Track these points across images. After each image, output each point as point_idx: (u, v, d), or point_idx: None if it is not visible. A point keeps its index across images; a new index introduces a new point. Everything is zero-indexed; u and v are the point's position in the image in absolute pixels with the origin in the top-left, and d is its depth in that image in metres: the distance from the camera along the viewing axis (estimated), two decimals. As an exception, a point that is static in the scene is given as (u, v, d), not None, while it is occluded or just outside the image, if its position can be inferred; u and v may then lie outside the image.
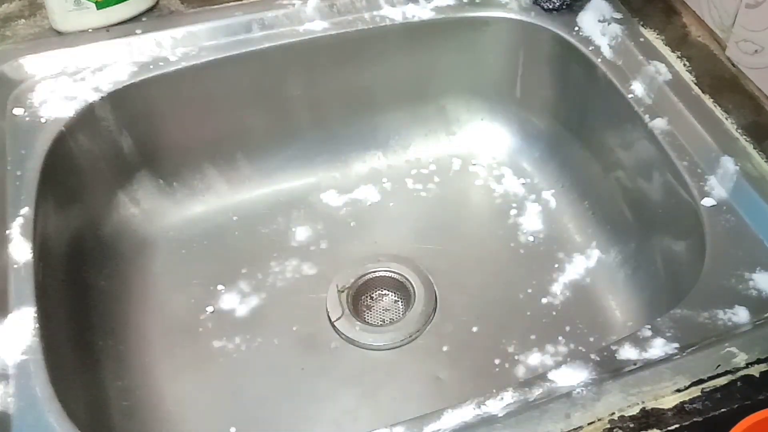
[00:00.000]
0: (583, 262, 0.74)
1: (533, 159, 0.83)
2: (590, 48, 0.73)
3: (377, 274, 0.74)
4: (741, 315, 0.51)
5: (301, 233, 0.78)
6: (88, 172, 0.70)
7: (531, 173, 0.82)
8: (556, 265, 0.74)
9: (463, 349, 0.68)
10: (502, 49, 0.79)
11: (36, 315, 0.53)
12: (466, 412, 0.46)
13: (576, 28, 0.74)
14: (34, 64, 0.70)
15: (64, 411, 0.48)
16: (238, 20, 0.74)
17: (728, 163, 0.61)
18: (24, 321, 0.53)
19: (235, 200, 0.80)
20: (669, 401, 0.47)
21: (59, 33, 0.72)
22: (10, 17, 0.75)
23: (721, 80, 0.67)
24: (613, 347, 0.50)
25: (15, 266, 0.56)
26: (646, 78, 0.69)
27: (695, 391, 0.47)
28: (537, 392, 0.47)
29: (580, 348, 0.68)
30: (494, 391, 0.47)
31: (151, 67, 0.71)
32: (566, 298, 0.72)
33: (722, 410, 0.46)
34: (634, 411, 0.46)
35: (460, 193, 0.83)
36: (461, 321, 0.70)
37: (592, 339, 0.69)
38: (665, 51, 0.71)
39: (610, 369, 0.48)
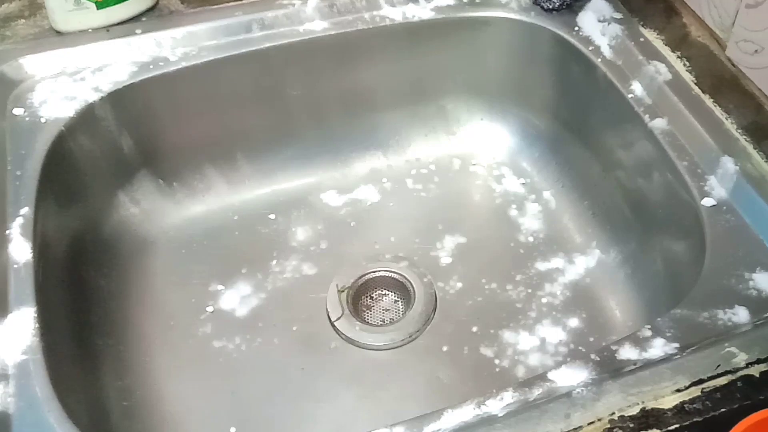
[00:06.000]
0: (583, 262, 0.74)
1: (533, 159, 0.83)
2: (590, 48, 0.73)
3: (377, 274, 0.74)
4: (741, 315, 0.51)
5: (301, 233, 0.78)
6: (88, 172, 0.70)
7: (531, 173, 0.82)
8: (556, 265, 0.74)
9: (463, 349, 0.68)
10: (502, 49, 0.79)
11: (36, 315, 0.53)
12: (466, 412, 0.46)
13: (576, 28, 0.74)
14: (34, 64, 0.70)
15: (64, 411, 0.48)
16: (238, 20, 0.74)
17: (728, 163, 0.61)
18: (24, 321, 0.53)
19: (235, 200, 0.80)
20: (669, 401, 0.47)
21: (59, 33, 0.72)
22: (10, 17, 0.75)
23: (721, 80, 0.67)
24: (613, 347, 0.50)
25: (15, 266, 0.56)
26: (646, 78, 0.69)
27: (695, 391, 0.47)
28: (537, 392, 0.47)
29: (580, 348, 0.68)
30: (494, 391, 0.47)
31: (151, 67, 0.71)
32: (566, 298, 0.72)
33: (722, 410, 0.46)
34: (634, 411, 0.46)
35: (460, 193, 0.83)
36: (461, 321, 0.70)
37: (592, 339, 0.69)
38: (665, 51, 0.71)
39: (610, 369, 0.48)
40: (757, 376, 0.48)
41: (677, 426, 0.45)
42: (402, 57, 0.79)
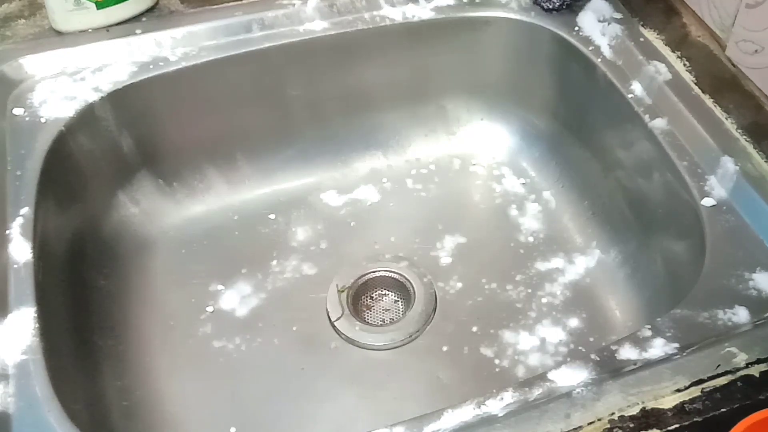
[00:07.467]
0: (583, 262, 0.74)
1: (533, 159, 0.83)
2: (590, 48, 0.73)
3: (377, 274, 0.74)
4: (741, 315, 0.51)
5: (301, 233, 0.78)
6: (88, 172, 0.70)
7: (531, 173, 0.82)
8: (556, 265, 0.74)
9: (463, 349, 0.68)
10: (502, 49, 0.79)
11: (36, 315, 0.53)
12: (466, 412, 0.46)
13: (576, 28, 0.74)
14: (34, 64, 0.70)
15: (64, 411, 0.48)
16: (238, 20, 0.74)
17: (728, 163, 0.61)
18: (24, 321, 0.53)
19: (235, 200, 0.80)
20: (669, 401, 0.47)
21: (59, 33, 0.72)
22: (10, 17, 0.75)
23: (721, 80, 0.67)
24: (613, 347, 0.50)
25: (15, 266, 0.56)
26: (646, 78, 0.69)
27: (695, 391, 0.47)
28: (537, 392, 0.47)
29: (580, 348, 0.68)
30: (494, 391, 0.47)
31: (151, 67, 0.71)
32: (566, 298, 0.72)
33: (722, 410, 0.46)
34: (634, 411, 0.46)
35: (460, 193, 0.83)
36: (461, 321, 0.70)
37: (592, 339, 0.69)
38: (665, 51, 0.71)
39: (610, 369, 0.48)
40: (757, 376, 0.48)
41: (677, 426, 0.45)
42: (402, 57, 0.79)
